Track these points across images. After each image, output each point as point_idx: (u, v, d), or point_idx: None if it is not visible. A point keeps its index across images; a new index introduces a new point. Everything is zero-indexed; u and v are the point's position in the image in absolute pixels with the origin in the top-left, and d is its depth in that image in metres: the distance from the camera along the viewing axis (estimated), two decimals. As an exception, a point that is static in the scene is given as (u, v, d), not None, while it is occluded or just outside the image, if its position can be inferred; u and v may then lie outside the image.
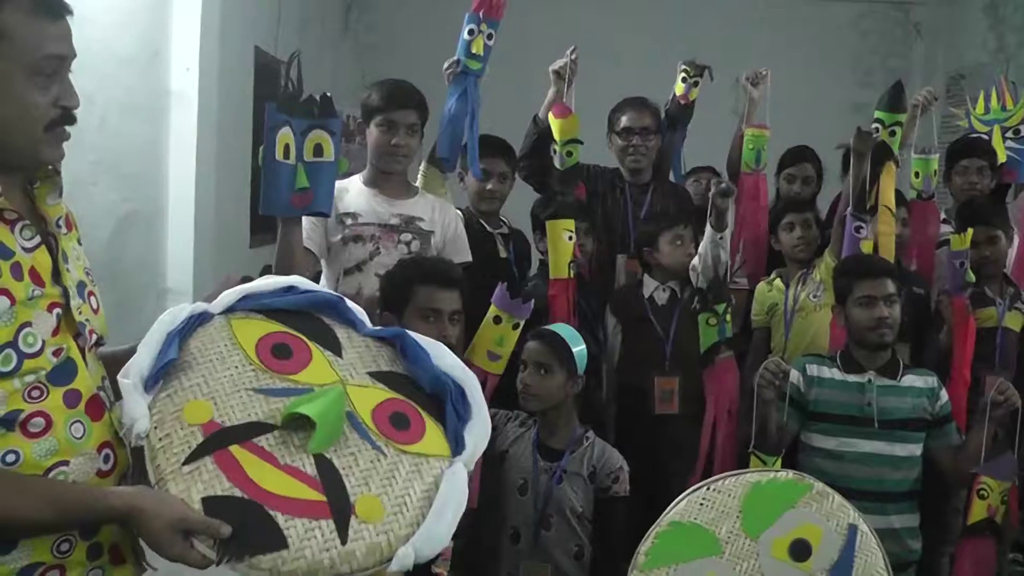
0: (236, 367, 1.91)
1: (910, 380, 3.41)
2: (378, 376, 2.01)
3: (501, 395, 3.14)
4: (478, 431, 2.01)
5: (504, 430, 3.15)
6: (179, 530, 1.63)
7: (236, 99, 5.42)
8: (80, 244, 1.92)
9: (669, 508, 2.36)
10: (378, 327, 2.11)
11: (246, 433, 1.81)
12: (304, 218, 3.02)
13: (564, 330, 3.12)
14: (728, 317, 3.72)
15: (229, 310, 1.99)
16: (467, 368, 2.09)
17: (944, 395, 3.45)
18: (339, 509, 1.77)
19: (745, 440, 3.24)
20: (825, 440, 3.36)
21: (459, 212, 3.82)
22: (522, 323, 3.09)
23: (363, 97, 3.54)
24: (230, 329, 1.96)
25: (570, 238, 3.65)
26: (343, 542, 1.74)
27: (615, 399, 3.99)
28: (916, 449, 3.37)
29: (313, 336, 2.02)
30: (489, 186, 4.06)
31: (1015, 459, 3.24)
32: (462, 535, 3.26)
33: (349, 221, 3.46)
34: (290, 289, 2.08)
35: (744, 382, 3.72)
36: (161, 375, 1.81)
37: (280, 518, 1.72)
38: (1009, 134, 4.53)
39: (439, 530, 1.83)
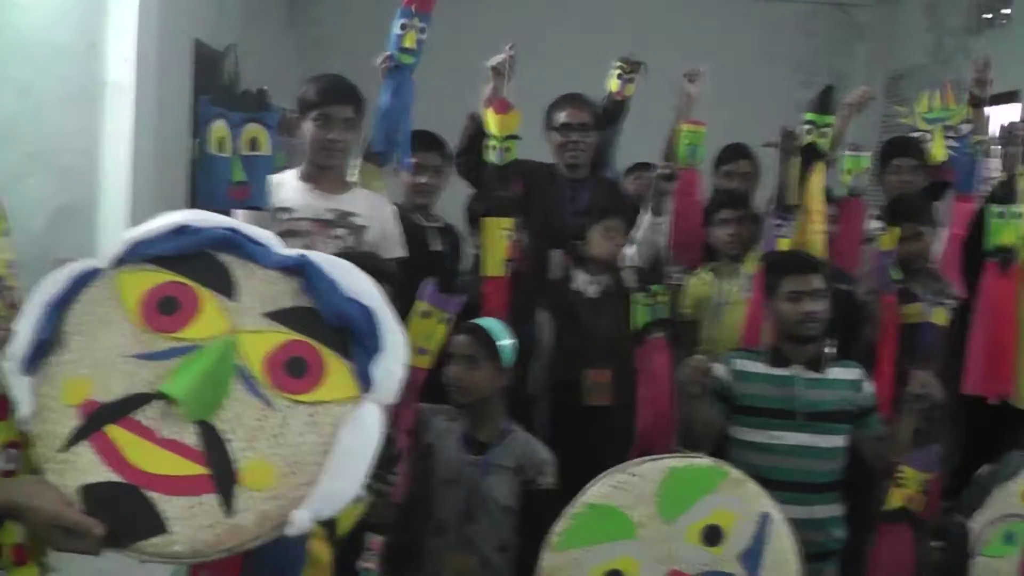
0: (118, 332, 1.81)
1: (836, 373, 3.46)
2: (278, 316, 1.88)
3: (428, 388, 3.14)
4: (390, 363, 1.89)
5: (431, 424, 3.17)
6: (56, 527, 1.60)
7: (174, 91, 5.37)
8: (6, 236, 1.90)
9: (585, 489, 2.39)
10: (283, 255, 1.96)
11: (124, 408, 1.74)
12: (239, 211, 3.02)
13: (491, 324, 3.15)
14: (662, 299, 3.74)
15: (120, 262, 1.88)
16: (379, 293, 1.96)
17: (868, 387, 3.50)
18: (222, 480, 1.71)
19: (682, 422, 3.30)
20: (752, 433, 3.39)
21: (395, 207, 3.84)
22: (451, 317, 3.10)
23: (299, 91, 3.54)
24: (116, 286, 1.85)
25: (506, 236, 3.67)
26: (229, 515, 1.68)
27: (548, 392, 4.01)
28: (841, 441, 3.42)
29: (206, 280, 1.89)
30: (422, 179, 4.10)
31: (937, 451, 3.30)
32: (391, 529, 3.30)
33: (284, 215, 3.45)
34: (182, 230, 1.94)
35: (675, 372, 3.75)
36: (42, 353, 1.74)
37: (159, 500, 1.66)
38: (950, 132, 4.60)
39: (340, 485, 1.76)
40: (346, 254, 3.23)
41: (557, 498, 3.38)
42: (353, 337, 1.87)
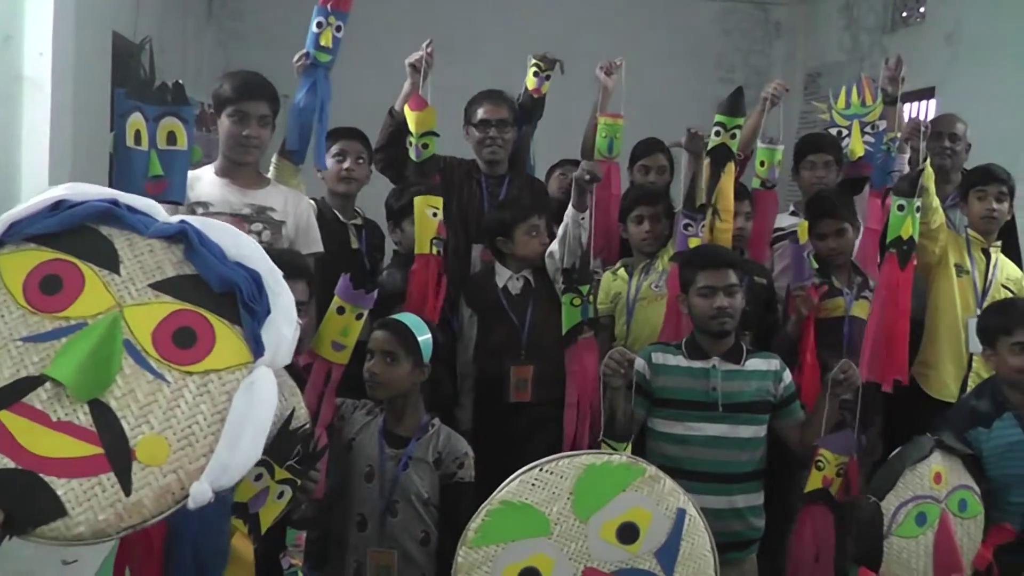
0: (4, 316, 1.79)
1: (754, 364, 3.51)
2: (163, 286, 1.88)
3: (348, 383, 3.15)
4: (280, 326, 1.90)
5: (351, 418, 3.18)
6: None
7: (92, 85, 5.28)
8: None
9: (501, 487, 2.41)
10: (164, 223, 1.95)
11: (15, 393, 1.73)
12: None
13: (410, 319, 3.15)
14: (591, 298, 3.77)
15: (0, 244, 1.86)
16: (266, 255, 1.98)
17: (787, 376, 3.56)
18: (118, 458, 1.71)
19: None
20: (671, 425, 3.44)
21: (312, 202, 3.83)
22: (366, 313, 3.10)
23: (215, 87, 3.52)
24: None
25: (434, 215, 3.67)
26: (127, 493, 1.69)
27: (472, 388, 4.03)
28: (760, 431, 3.48)
29: (88, 255, 1.88)
30: (347, 165, 4.11)
31: (854, 435, 3.38)
32: (313, 524, 3.30)
33: (200, 211, 3.43)
34: (59, 205, 1.92)
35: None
36: None
37: (57, 483, 1.66)
38: (867, 129, 4.68)
39: (237, 455, 1.77)
40: (266, 250, 3.24)
41: (478, 492, 3.43)
42: (241, 302, 1.87)
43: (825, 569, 3.27)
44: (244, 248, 1.95)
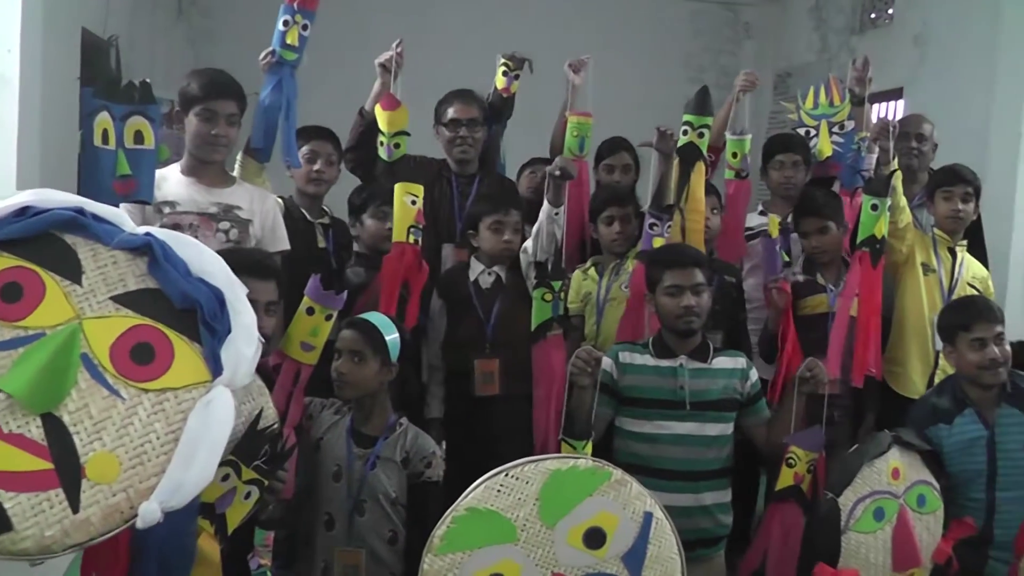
0: None
1: (720, 362, 3.54)
2: (124, 299, 1.85)
3: (316, 383, 3.16)
4: (240, 345, 1.88)
5: (319, 418, 3.18)
6: None
7: (61, 83, 5.25)
8: None
9: (467, 493, 2.39)
10: (129, 235, 1.92)
11: None
12: (125, 205, 2.99)
13: (377, 318, 3.15)
14: (563, 295, 3.78)
15: None
16: (230, 272, 1.95)
17: (754, 374, 3.59)
18: (68, 475, 1.69)
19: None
20: (639, 424, 3.46)
21: (279, 201, 3.83)
22: (335, 314, 3.11)
23: (181, 86, 3.52)
24: None
25: (413, 202, 3.65)
26: (75, 510, 1.67)
27: (442, 381, 4.05)
28: (727, 428, 3.51)
29: (50, 264, 1.85)
30: (317, 167, 4.11)
31: (822, 432, 3.40)
32: (281, 524, 3.30)
33: (167, 210, 3.44)
34: (25, 211, 1.88)
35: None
36: None
37: (4, 496, 1.63)
38: (836, 129, 4.71)
39: (189, 475, 1.76)
40: (233, 250, 3.25)
41: (447, 487, 3.44)
42: (201, 319, 1.86)
43: (789, 567, 3.29)
44: (208, 264, 1.93)
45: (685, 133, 4.00)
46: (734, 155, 4.35)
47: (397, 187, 3.67)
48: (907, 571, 3.12)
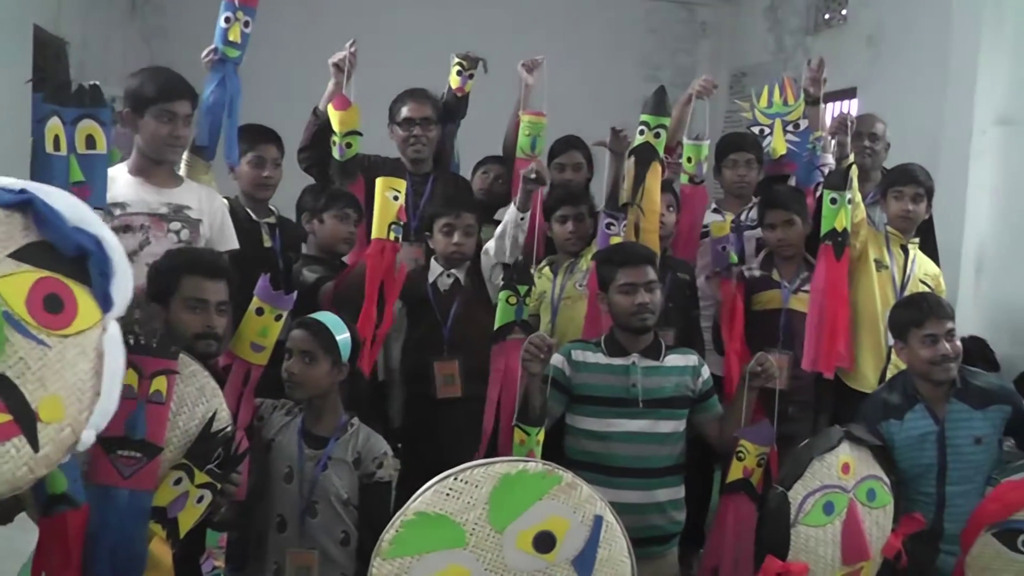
0: None
1: (672, 360, 3.56)
2: (20, 255, 1.93)
3: (267, 383, 3.14)
4: (122, 283, 2.03)
5: (270, 419, 3.16)
6: None
7: (11, 82, 5.21)
8: None
9: (415, 496, 2.36)
10: (5, 191, 1.97)
11: None
12: None
13: (328, 318, 3.14)
14: (528, 300, 3.77)
15: None
16: (97, 217, 2.06)
17: (706, 371, 3.61)
18: (25, 422, 1.85)
19: None
20: (591, 422, 3.47)
21: (225, 200, 3.81)
22: (284, 314, 3.09)
23: (130, 85, 3.47)
24: None
25: (395, 198, 3.58)
26: (36, 450, 1.84)
27: (403, 383, 4.04)
28: (679, 425, 3.53)
29: None
30: (265, 173, 4.08)
31: (773, 427, 3.41)
32: (233, 526, 3.28)
33: (118, 211, 3.39)
34: None
35: None
36: None
37: None
38: (790, 127, 4.74)
39: (110, 401, 2.00)
40: (183, 250, 3.23)
41: (406, 489, 3.43)
42: (94, 264, 1.99)
43: (745, 558, 3.31)
44: (81, 212, 2.02)
45: (642, 133, 4.01)
46: (689, 160, 4.37)
47: (379, 182, 3.61)
48: (856, 565, 3.13)
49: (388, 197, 3.57)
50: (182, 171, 3.73)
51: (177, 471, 2.61)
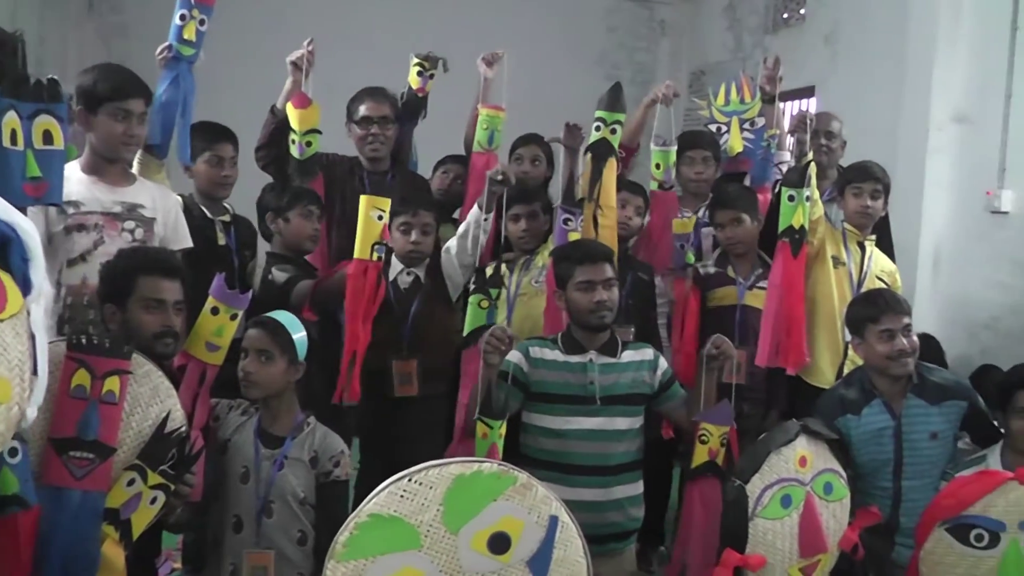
0: None
1: (629, 356, 3.55)
2: None
3: (223, 383, 3.11)
4: (39, 266, 2.10)
5: (226, 419, 3.14)
6: None
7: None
8: None
9: (369, 498, 2.34)
10: None
11: None
12: (33, 208, 2.93)
13: (284, 317, 3.12)
14: (499, 304, 3.76)
15: None
16: (8, 206, 2.10)
17: (663, 363, 3.61)
18: None
19: None
20: (548, 419, 3.45)
21: (179, 198, 3.79)
22: (240, 313, 3.07)
23: (82, 82, 3.43)
24: None
25: (379, 218, 3.51)
26: None
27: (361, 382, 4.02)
28: (636, 422, 3.52)
29: None
30: (224, 172, 4.06)
31: (731, 405, 3.44)
32: (189, 527, 3.25)
33: (71, 210, 3.36)
34: None
35: None
36: None
37: None
38: (746, 125, 4.77)
39: (42, 376, 2.12)
40: (137, 249, 3.21)
41: (363, 487, 3.41)
42: (15, 251, 2.06)
43: (714, 541, 3.32)
44: None
45: (598, 129, 4.01)
46: (657, 166, 4.37)
47: (363, 200, 3.54)
48: (813, 557, 3.15)
49: (372, 217, 3.51)
50: (135, 170, 3.70)
51: (130, 472, 2.59)
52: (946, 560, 3.18)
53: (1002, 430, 3.46)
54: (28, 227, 2.08)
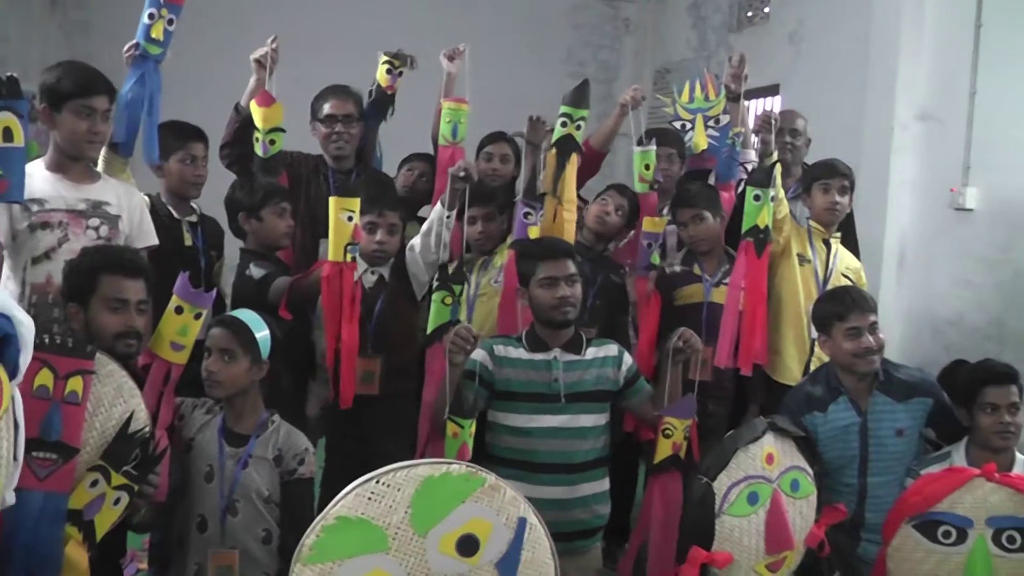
0: None
1: (593, 352, 3.55)
2: None
3: (189, 382, 3.09)
4: (28, 352, 2.10)
5: (190, 418, 3.12)
6: None
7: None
8: None
9: (336, 500, 2.31)
10: None
11: None
12: None
13: (247, 315, 3.10)
14: (462, 299, 3.74)
15: None
16: (10, 299, 2.13)
17: (628, 359, 3.61)
18: None
19: None
20: (514, 418, 3.45)
21: (145, 196, 3.76)
22: (204, 312, 3.04)
23: (46, 80, 3.39)
24: None
25: (350, 219, 3.50)
26: None
27: (327, 382, 3.98)
28: (601, 419, 3.52)
29: None
30: (198, 172, 4.05)
31: (694, 398, 3.45)
32: (154, 527, 3.22)
33: (35, 207, 3.34)
34: None
35: None
36: None
37: None
38: (711, 123, 4.77)
39: (19, 462, 2.14)
40: (100, 248, 3.18)
41: (327, 486, 3.39)
42: (14, 345, 2.07)
43: (671, 534, 3.32)
44: None
45: (564, 125, 4.01)
46: (647, 167, 4.35)
47: (333, 202, 3.52)
48: (780, 554, 3.16)
49: (343, 218, 3.50)
50: (100, 167, 3.66)
51: (93, 473, 2.58)
52: (913, 557, 3.20)
53: (967, 426, 3.48)
54: (21, 316, 2.08)
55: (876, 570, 3.29)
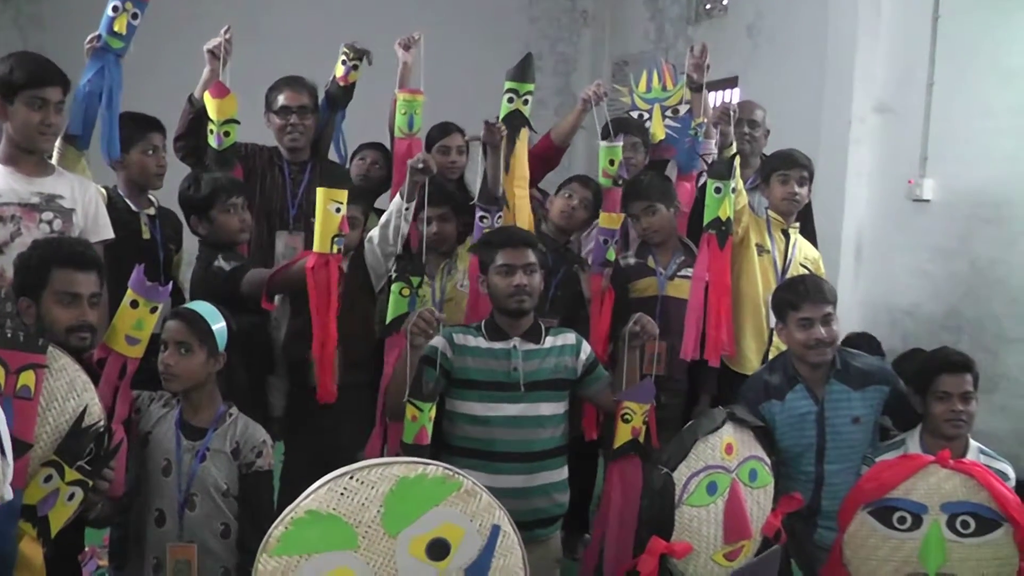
0: None
1: (551, 341, 3.55)
2: None
3: (144, 375, 3.05)
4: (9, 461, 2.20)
5: (147, 411, 3.09)
6: None
7: None
8: None
9: (307, 493, 2.27)
10: None
11: None
12: None
13: (202, 307, 3.07)
14: (420, 292, 3.73)
15: None
16: None
17: (587, 347, 3.62)
18: None
19: None
20: (473, 406, 3.44)
21: (101, 189, 3.72)
22: (160, 306, 3.01)
23: None
24: None
25: (337, 210, 3.42)
26: None
27: (286, 374, 3.99)
28: (559, 407, 3.52)
29: None
30: (160, 162, 4.01)
31: (652, 382, 3.46)
32: (112, 523, 3.20)
33: None
34: None
35: None
36: None
37: None
38: (668, 113, 4.78)
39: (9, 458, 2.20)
40: (51, 240, 3.14)
41: (290, 478, 3.37)
42: None
43: (630, 520, 3.34)
44: None
45: (511, 100, 4.02)
46: (611, 162, 4.35)
47: (320, 193, 3.43)
48: (737, 543, 3.19)
49: (330, 209, 3.42)
50: (55, 160, 3.62)
51: (47, 468, 2.56)
52: (869, 543, 3.23)
53: (921, 413, 3.51)
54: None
55: (832, 556, 3.31)
